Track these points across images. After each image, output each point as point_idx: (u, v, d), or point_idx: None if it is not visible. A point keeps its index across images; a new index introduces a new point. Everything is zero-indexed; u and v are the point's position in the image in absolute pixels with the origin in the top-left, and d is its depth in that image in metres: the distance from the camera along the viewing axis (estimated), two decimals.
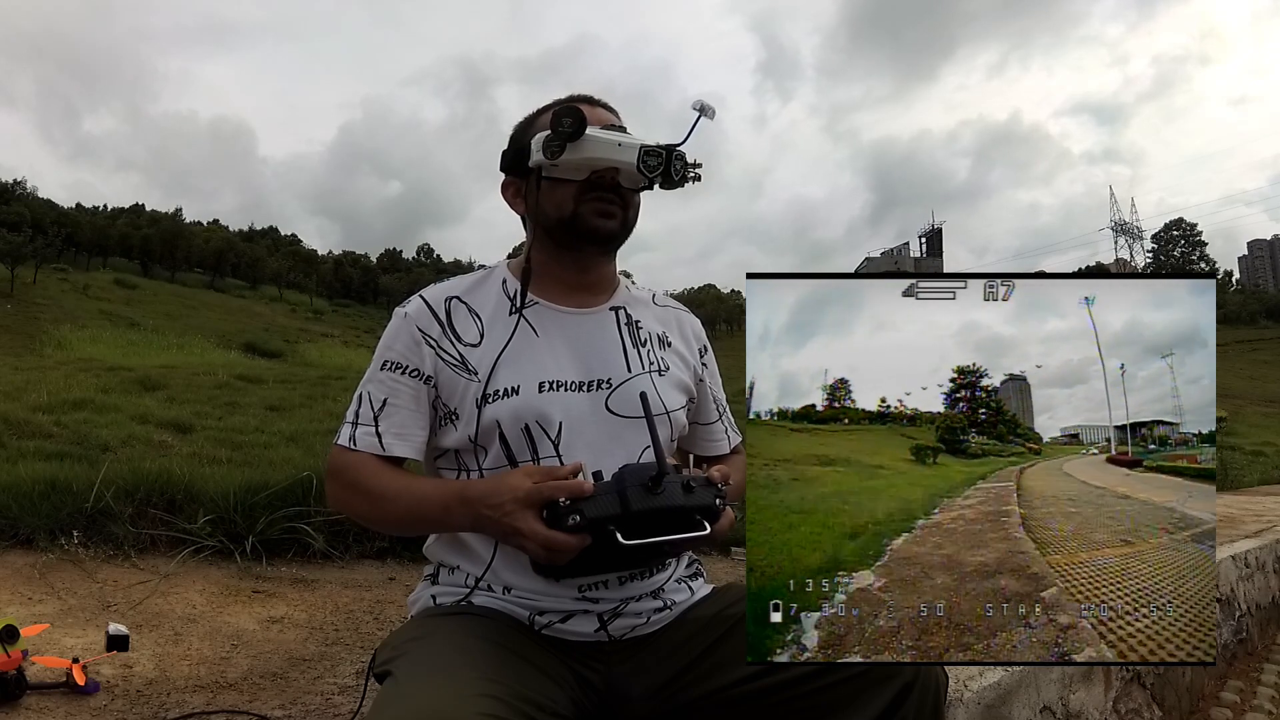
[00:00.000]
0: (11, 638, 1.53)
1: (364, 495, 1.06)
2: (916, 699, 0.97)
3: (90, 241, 69.45)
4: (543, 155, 1.05)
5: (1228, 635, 2.72)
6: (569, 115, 1.03)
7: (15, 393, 6.31)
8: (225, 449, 4.26)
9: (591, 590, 1.06)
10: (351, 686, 1.74)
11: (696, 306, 12.97)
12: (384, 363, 1.10)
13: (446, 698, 0.83)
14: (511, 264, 1.18)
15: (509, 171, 1.16)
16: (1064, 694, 1.68)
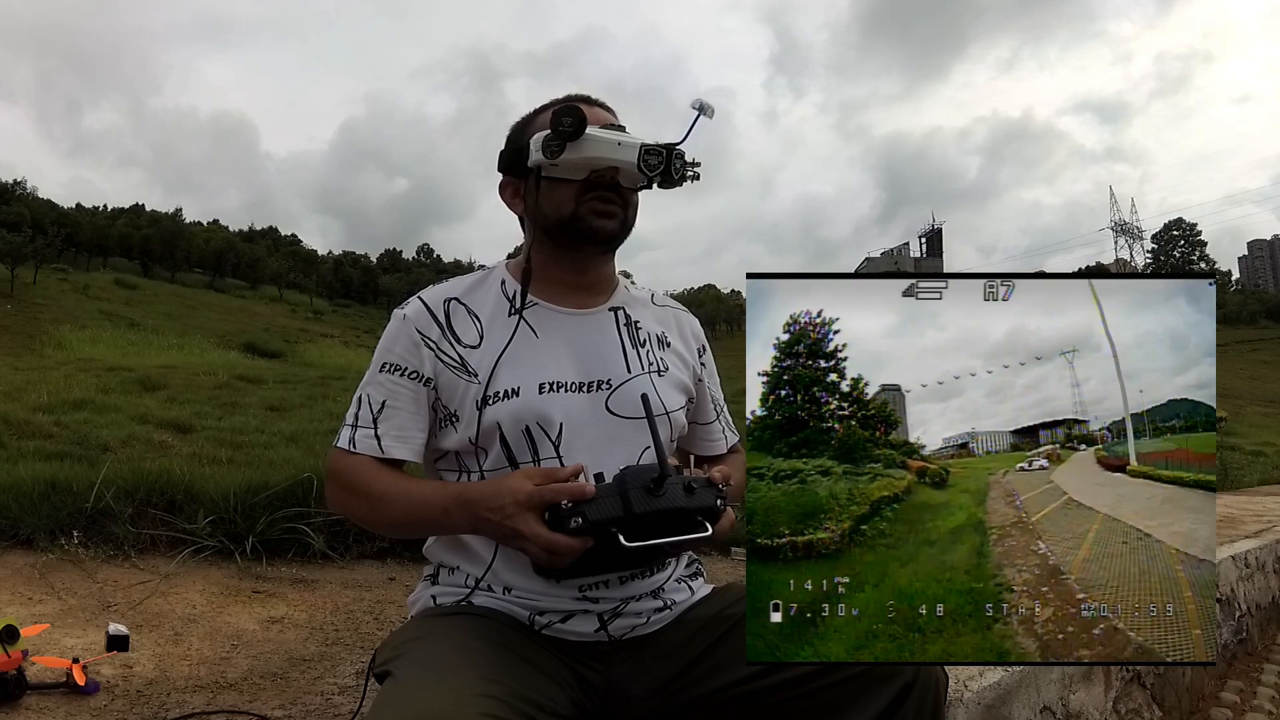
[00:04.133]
0: (11, 638, 1.53)
1: (363, 498, 1.06)
2: (916, 699, 0.97)
3: (90, 241, 69.48)
4: (542, 155, 1.04)
5: (1228, 635, 2.72)
6: (569, 115, 1.02)
7: (15, 393, 6.31)
8: (225, 449, 4.27)
9: (591, 590, 1.06)
10: (351, 686, 1.74)
11: (696, 306, 13.01)
12: (383, 365, 1.09)
13: (446, 698, 0.83)
14: (510, 265, 1.18)
15: (507, 172, 1.15)
16: (1064, 694, 1.68)
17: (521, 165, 1.10)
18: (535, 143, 1.06)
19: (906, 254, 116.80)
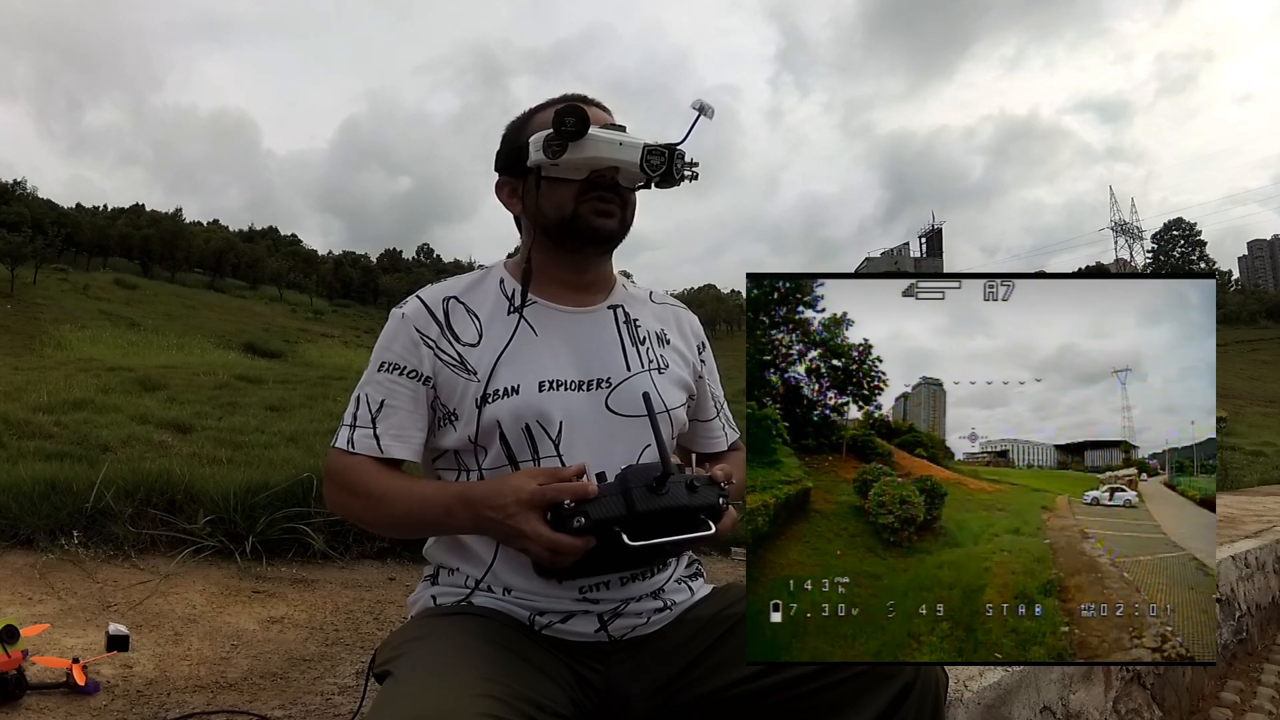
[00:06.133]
0: (11, 638, 1.53)
1: (363, 498, 1.05)
2: (916, 699, 0.97)
3: (90, 241, 69.49)
4: (543, 154, 1.04)
5: (1228, 635, 2.72)
6: (572, 114, 1.02)
7: (15, 393, 6.31)
8: (225, 449, 4.27)
9: (592, 591, 1.06)
10: (351, 686, 1.74)
11: (696, 306, 12.99)
12: (381, 364, 1.09)
13: (446, 698, 0.83)
14: (509, 264, 1.18)
15: (504, 171, 1.15)
16: (1064, 694, 1.68)
17: (520, 165, 1.10)
18: (535, 142, 1.05)
19: (906, 254, 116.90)
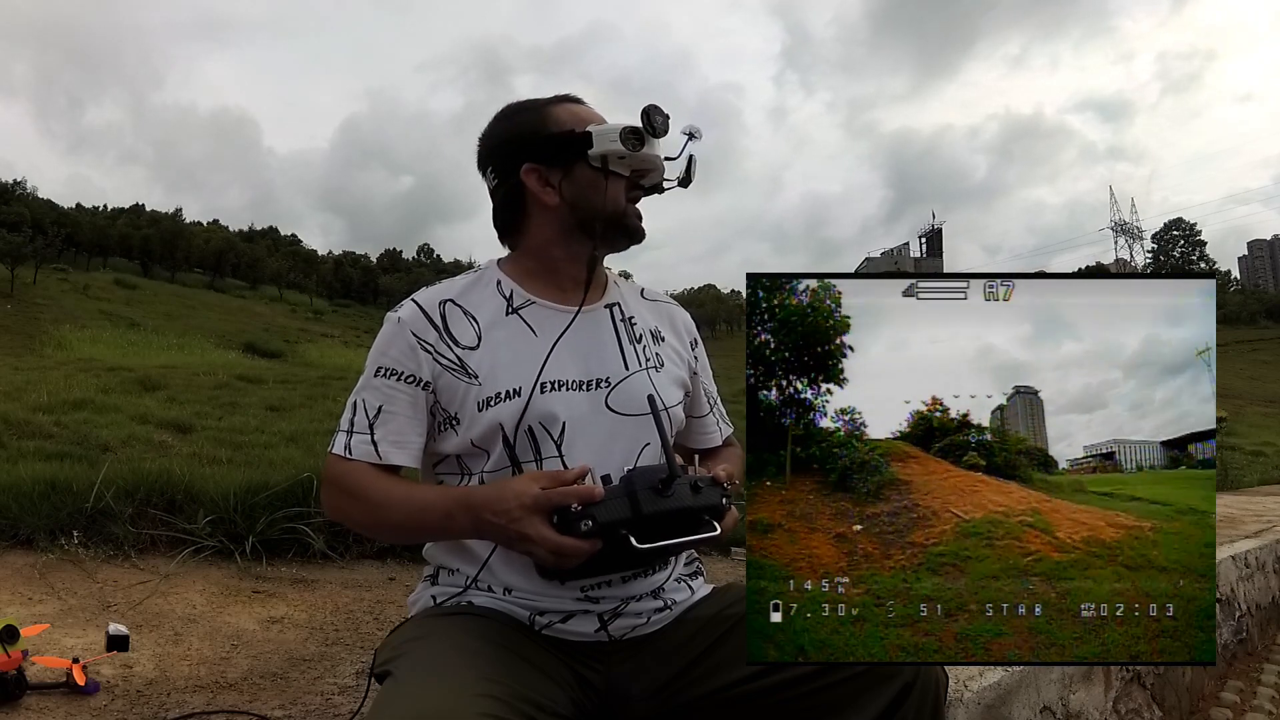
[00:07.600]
0: (11, 638, 1.53)
1: (362, 504, 1.05)
2: (916, 699, 0.97)
3: (90, 241, 69.43)
4: (622, 145, 1.05)
5: (1228, 635, 2.72)
6: (659, 114, 1.05)
7: (15, 393, 6.31)
8: (225, 449, 4.26)
9: (592, 590, 1.06)
10: (351, 686, 1.74)
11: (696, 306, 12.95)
12: (378, 369, 1.08)
13: (446, 698, 0.83)
14: (503, 264, 1.18)
15: (535, 159, 1.10)
16: (1064, 694, 1.68)
17: (556, 155, 1.08)
18: (608, 133, 1.06)
19: (906, 254, 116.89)
